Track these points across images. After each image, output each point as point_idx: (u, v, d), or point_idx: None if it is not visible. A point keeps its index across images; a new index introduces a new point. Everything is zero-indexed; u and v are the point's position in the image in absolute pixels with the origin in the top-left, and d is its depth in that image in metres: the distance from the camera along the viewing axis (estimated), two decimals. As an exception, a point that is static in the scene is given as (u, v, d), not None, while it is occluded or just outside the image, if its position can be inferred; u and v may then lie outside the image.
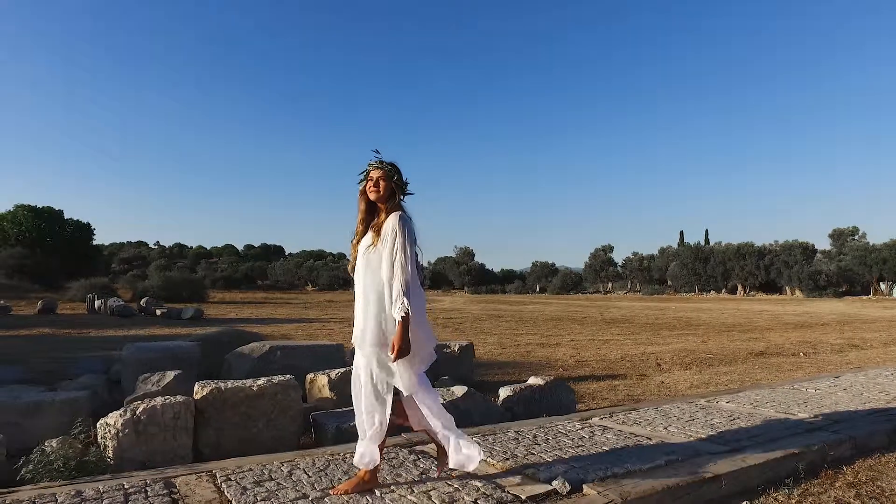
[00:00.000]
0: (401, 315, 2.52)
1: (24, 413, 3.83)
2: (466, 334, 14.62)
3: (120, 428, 3.18)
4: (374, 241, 2.68)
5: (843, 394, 5.32)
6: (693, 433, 3.83)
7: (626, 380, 7.60)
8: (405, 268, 2.58)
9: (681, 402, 5.02)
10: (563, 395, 5.07)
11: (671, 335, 14.55)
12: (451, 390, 4.53)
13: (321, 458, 3.20)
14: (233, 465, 3.05)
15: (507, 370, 8.30)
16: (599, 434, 3.80)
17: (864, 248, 46.70)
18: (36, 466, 2.92)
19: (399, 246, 2.60)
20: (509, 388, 4.89)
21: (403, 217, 2.69)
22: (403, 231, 2.63)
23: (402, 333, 2.51)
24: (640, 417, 4.35)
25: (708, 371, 8.37)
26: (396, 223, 2.64)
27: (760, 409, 4.63)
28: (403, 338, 2.51)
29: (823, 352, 10.66)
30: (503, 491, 2.65)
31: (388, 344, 2.60)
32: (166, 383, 4.25)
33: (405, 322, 2.52)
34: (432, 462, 3.13)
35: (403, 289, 2.56)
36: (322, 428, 3.87)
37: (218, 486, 2.75)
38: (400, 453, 3.31)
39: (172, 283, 33.97)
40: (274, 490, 2.67)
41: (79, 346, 11.17)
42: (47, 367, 7.97)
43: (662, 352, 10.64)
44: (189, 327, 15.81)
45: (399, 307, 2.53)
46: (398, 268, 2.58)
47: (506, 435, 3.77)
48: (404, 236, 2.62)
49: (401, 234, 2.62)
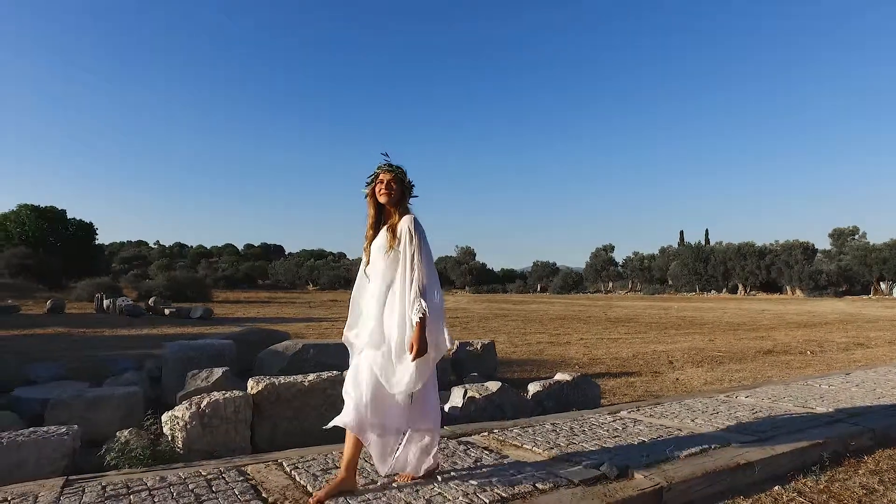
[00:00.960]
0: (418, 317, 2.58)
1: (89, 406, 4.04)
2: (475, 333, 14.81)
3: (188, 420, 3.39)
4: (391, 242, 2.70)
5: (856, 389, 5.54)
6: (720, 425, 4.04)
7: (641, 377, 7.81)
8: (422, 270, 2.65)
9: (701, 397, 5.23)
10: (589, 391, 5.29)
11: (678, 334, 14.76)
12: (485, 385, 4.74)
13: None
14: (295, 456, 3.26)
15: (525, 367, 8.51)
16: (632, 426, 4.01)
17: (865, 247, 46.96)
18: (117, 454, 3.13)
19: (416, 248, 2.66)
20: (538, 384, 5.10)
21: (416, 220, 2.74)
22: (419, 233, 2.69)
23: (419, 334, 2.57)
24: (665, 411, 4.56)
25: (719, 368, 8.59)
26: (412, 225, 2.69)
27: (779, 404, 4.84)
28: (421, 338, 2.57)
29: (830, 350, 10.88)
30: (556, 476, 2.86)
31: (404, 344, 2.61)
32: (215, 379, 4.46)
33: (422, 323, 2.58)
34: (482, 451, 3.35)
35: (421, 291, 2.62)
36: (369, 421, 4.07)
37: (288, 474, 2.96)
38: (450, 444, 3.51)
39: (177, 283, 34.23)
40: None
41: (99, 344, 11.35)
42: (76, 365, 8.16)
43: (672, 350, 10.85)
44: (199, 326, 15.99)
45: (417, 309, 2.59)
46: (416, 270, 2.64)
47: (543, 427, 3.98)
48: (420, 238, 2.68)
49: (416, 236, 2.67)
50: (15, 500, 2.54)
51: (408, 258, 2.65)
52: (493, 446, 3.49)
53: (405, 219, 2.73)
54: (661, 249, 65.81)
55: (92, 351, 10.12)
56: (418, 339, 2.57)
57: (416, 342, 2.57)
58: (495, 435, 3.75)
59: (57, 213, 49.86)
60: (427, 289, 2.64)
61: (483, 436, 3.74)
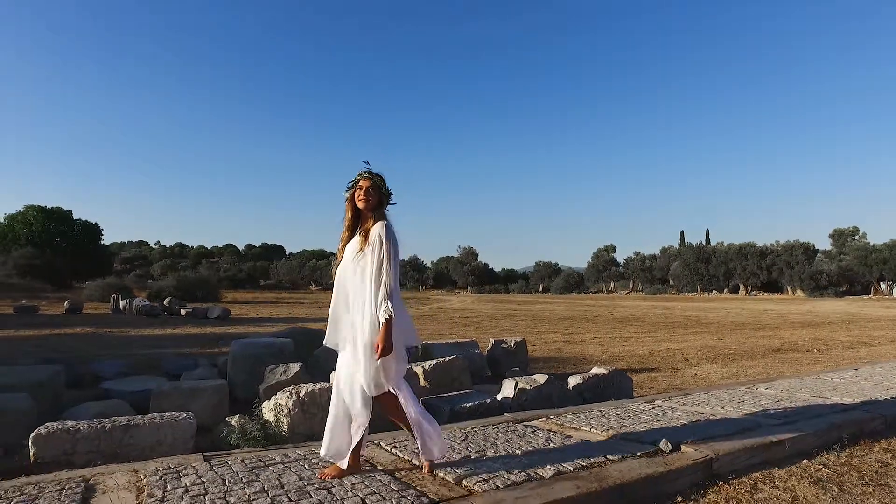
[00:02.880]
0: (385, 317, 2.73)
1: (187, 397, 4.55)
2: (489, 332, 15.30)
3: (290, 407, 3.91)
4: (363, 246, 2.86)
5: (865, 382, 6.06)
6: (747, 411, 4.56)
7: (661, 372, 8.33)
8: (390, 274, 2.80)
9: (725, 389, 5.75)
10: (622, 383, 5.81)
11: (686, 333, 15.29)
12: (533, 378, 5.26)
13: (458, 431, 3.92)
14: (389, 437, 3.76)
15: (549, 364, 9.02)
16: (670, 412, 4.52)
17: (865, 248, 47.55)
18: (238, 436, 3.64)
19: (385, 253, 2.80)
20: (578, 377, 5.62)
21: (389, 226, 2.89)
22: (390, 239, 2.84)
23: (385, 334, 2.73)
24: (696, 400, 5.08)
25: (733, 365, 9.11)
26: (383, 231, 2.84)
27: (797, 394, 5.36)
28: (387, 338, 2.73)
29: (835, 348, 11.42)
30: (620, 450, 3.37)
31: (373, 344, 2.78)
32: (294, 373, 4.96)
33: (388, 323, 2.74)
34: (548, 432, 3.86)
35: (388, 293, 2.77)
36: (438, 409, 4.59)
37: (391, 452, 3.46)
38: (518, 427, 4.03)
39: (187, 283, 34.63)
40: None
41: (133, 343, 11.83)
42: (131, 362, 8.65)
43: (685, 348, 11.38)
44: (221, 326, 16.45)
45: (384, 309, 2.74)
46: (384, 274, 2.79)
47: (591, 413, 4.49)
48: (391, 244, 2.83)
49: (387, 241, 2.82)
50: (171, 470, 3.03)
51: (377, 262, 2.81)
52: (555, 429, 4.00)
53: (378, 224, 2.88)
54: (663, 249, 66.42)
55: (128, 349, 10.59)
56: (384, 339, 2.73)
57: (382, 341, 2.73)
58: (552, 420, 4.26)
59: (63, 213, 50.34)
60: (393, 293, 2.80)
61: (542, 420, 4.25)
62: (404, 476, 2.98)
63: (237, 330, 15.08)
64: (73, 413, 4.35)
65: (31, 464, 3.26)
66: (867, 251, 46.39)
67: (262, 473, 2.96)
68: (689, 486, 3.07)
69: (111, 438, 3.36)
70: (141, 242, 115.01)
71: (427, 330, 15.81)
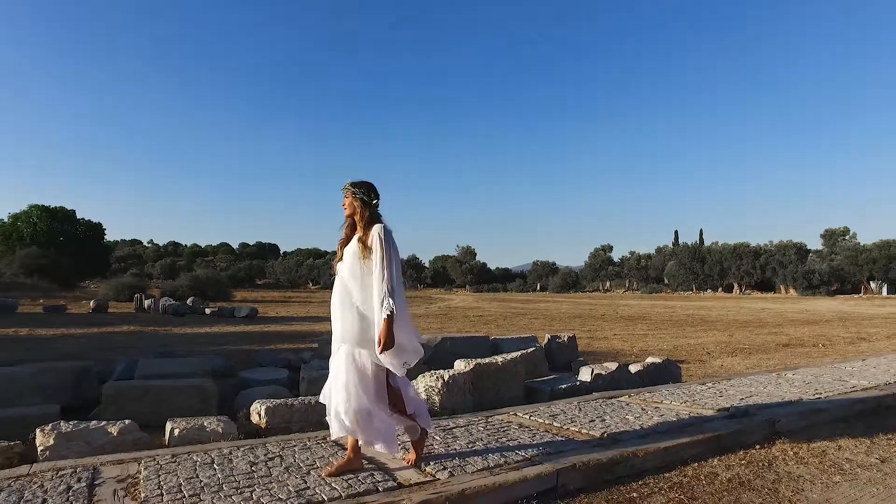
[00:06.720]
0: (386, 313, 2.89)
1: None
2: (509, 330, 16.20)
3: (439, 388, 4.95)
4: (363, 251, 3.07)
5: (874, 370, 7.19)
6: (786, 391, 5.66)
7: (690, 364, 9.43)
8: (391, 272, 2.98)
9: (757, 375, 6.85)
10: (674, 370, 6.91)
11: (696, 331, 16.43)
12: (604, 365, 6.34)
13: (576, 404, 5.00)
14: (521, 411, 4.80)
15: (590, 357, 10.09)
16: (726, 392, 5.62)
17: (855, 248, 49.13)
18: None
19: (385, 253, 3.00)
20: (638, 365, 6.71)
21: (386, 228, 3.10)
22: (388, 240, 3.05)
23: (387, 329, 2.89)
24: (739, 383, 6.17)
25: (752, 357, 10.25)
26: (382, 233, 3.05)
27: (821, 379, 6.48)
28: (388, 333, 2.90)
29: (838, 343, 12.62)
30: (705, 416, 4.46)
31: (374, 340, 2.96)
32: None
33: (390, 320, 2.90)
34: (638, 406, 4.94)
35: (389, 291, 2.94)
36: (538, 391, 5.66)
37: (544, 421, 4.50)
38: (613, 401, 5.10)
39: (199, 283, 35.27)
40: (565, 420, 4.46)
41: (192, 340, 12.63)
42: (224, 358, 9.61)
43: (703, 343, 12.52)
44: (251, 325, 16.81)
45: (386, 306, 2.90)
46: (385, 272, 2.97)
47: (661, 392, 5.57)
48: (389, 244, 3.04)
49: (386, 242, 3.03)
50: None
51: (377, 262, 3.01)
52: (640, 404, 5.08)
53: (376, 227, 3.09)
54: (658, 249, 67.83)
55: (193, 346, 11.37)
56: (385, 334, 2.89)
57: (384, 336, 2.89)
58: (634, 397, 5.34)
59: (67, 213, 50.80)
60: (395, 291, 2.97)
61: (627, 397, 5.33)
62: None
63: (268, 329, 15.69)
64: (247, 395, 5.36)
65: (263, 428, 4.28)
66: (857, 251, 48.01)
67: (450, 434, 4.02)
68: (761, 439, 4.16)
69: (316, 412, 4.38)
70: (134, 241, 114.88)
71: (452, 327, 16.77)
